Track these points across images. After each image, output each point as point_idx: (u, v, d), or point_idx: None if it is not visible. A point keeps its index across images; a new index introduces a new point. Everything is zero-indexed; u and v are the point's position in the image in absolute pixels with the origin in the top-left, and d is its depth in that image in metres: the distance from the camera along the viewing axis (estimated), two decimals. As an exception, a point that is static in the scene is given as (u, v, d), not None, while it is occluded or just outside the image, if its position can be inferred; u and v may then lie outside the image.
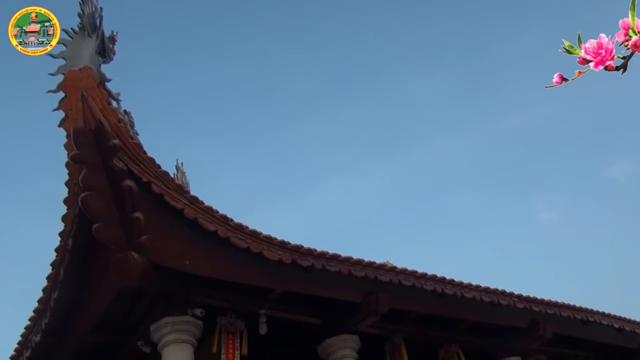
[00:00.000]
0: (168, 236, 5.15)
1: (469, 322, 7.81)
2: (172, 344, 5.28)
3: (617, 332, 9.08)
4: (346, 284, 6.22)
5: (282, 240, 5.63)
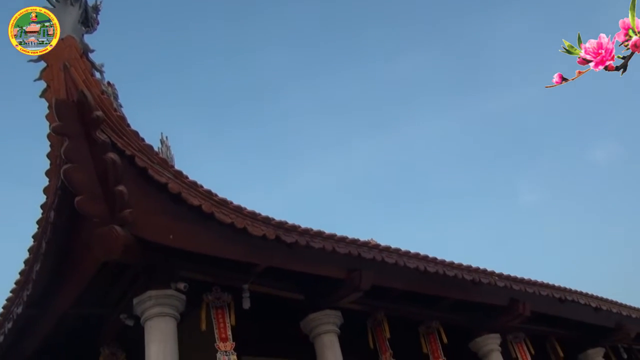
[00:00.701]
0: (152, 210, 5.12)
1: (450, 299, 7.94)
2: (155, 317, 5.28)
3: (593, 310, 9.30)
4: (330, 261, 6.26)
5: (266, 216, 5.63)
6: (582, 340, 10.26)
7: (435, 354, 7.97)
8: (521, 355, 9.05)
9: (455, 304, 8.17)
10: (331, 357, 6.41)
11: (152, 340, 5.17)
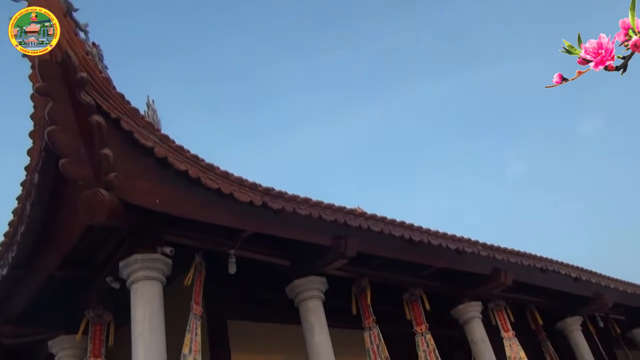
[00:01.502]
0: (138, 174, 5.08)
1: (434, 267, 8.05)
2: (141, 280, 5.30)
3: (573, 280, 9.50)
4: (316, 228, 6.29)
5: (253, 182, 5.62)
6: (561, 309, 10.52)
7: (418, 320, 8.13)
8: (501, 322, 9.27)
9: (439, 272, 8.30)
10: (315, 322, 6.51)
11: (138, 303, 5.21)
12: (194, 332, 5.57)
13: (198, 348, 5.53)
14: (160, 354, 4.96)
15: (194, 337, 5.52)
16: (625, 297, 10.76)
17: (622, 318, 12.36)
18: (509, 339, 9.00)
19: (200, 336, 5.67)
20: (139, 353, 4.91)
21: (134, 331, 5.06)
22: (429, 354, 7.77)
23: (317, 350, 6.34)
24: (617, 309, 11.45)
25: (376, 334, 7.44)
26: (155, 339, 4.99)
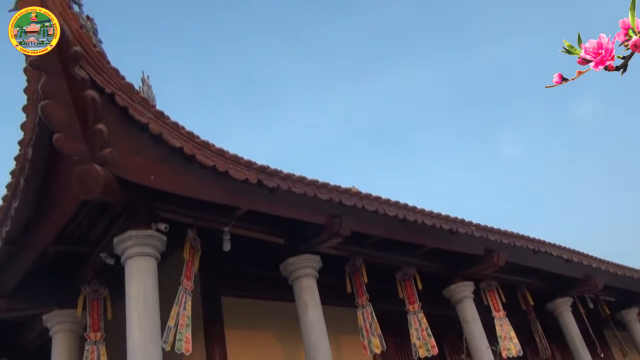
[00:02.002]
0: (132, 150, 5.05)
1: (427, 247, 8.11)
2: (135, 256, 5.31)
3: (565, 262, 9.59)
4: (311, 206, 6.30)
5: (249, 160, 5.61)
6: (552, 289, 10.64)
7: (411, 299, 8.21)
8: (492, 302, 9.38)
9: (432, 252, 8.35)
10: (309, 299, 6.56)
11: (132, 279, 5.22)
12: (182, 306, 5.55)
13: (186, 323, 5.47)
14: (155, 329, 4.99)
15: (181, 311, 5.48)
16: (615, 279, 10.89)
17: (611, 299, 12.53)
18: (500, 318, 9.11)
19: (191, 311, 5.68)
20: (134, 328, 4.94)
21: (129, 306, 5.09)
22: (421, 332, 7.86)
23: (311, 327, 6.40)
24: (607, 290, 11.59)
25: (369, 312, 7.52)
26: (149, 315, 5.02)
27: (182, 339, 5.33)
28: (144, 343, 4.86)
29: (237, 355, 7.14)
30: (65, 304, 6.74)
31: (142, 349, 4.83)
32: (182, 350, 5.32)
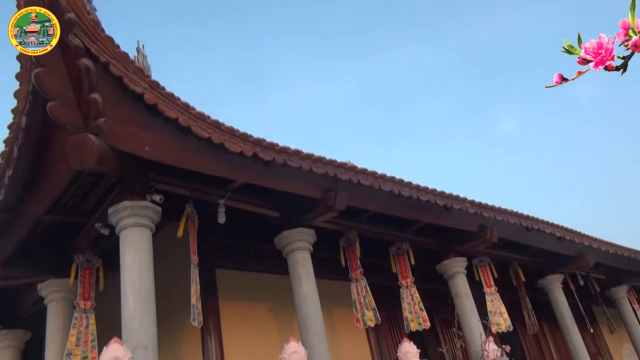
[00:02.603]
0: (127, 121, 5.01)
1: (421, 223, 8.15)
2: (130, 227, 5.31)
3: (557, 240, 9.67)
4: (306, 180, 6.30)
5: (244, 133, 5.58)
6: (543, 266, 10.75)
7: (404, 274, 8.29)
8: (484, 278, 9.48)
9: (426, 228, 8.40)
10: (303, 272, 6.60)
11: (127, 250, 5.23)
12: (195, 282, 5.69)
13: (198, 296, 5.66)
14: (149, 300, 5.02)
15: (195, 287, 5.65)
16: (606, 257, 11.01)
17: (602, 277, 12.69)
18: (491, 294, 9.22)
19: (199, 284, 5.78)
20: (128, 299, 4.97)
21: (123, 277, 5.11)
22: (413, 306, 7.95)
23: (304, 299, 6.46)
24: (597, 268, 11.73)
25: (363, 286, 7.59)
26: (144, 285, 5.05)
27: (199, 313, 5.57)
28: (138, 313, 4.90)
29: (231, 327, 7.21)
30: (60, 273, 6.76)
31: (137, 320, 4.87)
32: (200, 323, 5.57)
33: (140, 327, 4.83)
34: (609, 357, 13.23)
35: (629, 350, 14.70)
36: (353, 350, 8.45)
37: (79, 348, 6.30)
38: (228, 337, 7.10)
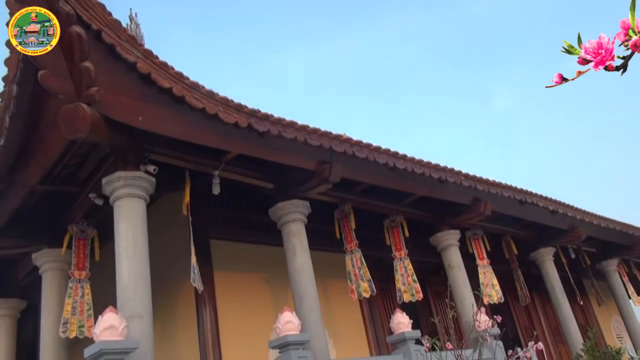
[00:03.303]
0: (120, 90, 4.94)
1: (416, 195, 8.17)
2: (124, 198, 5.30)
3: (550, 213, 9.73)
4: (301, 152, 6.28)
5: (239, 103, 5.53)
6: (536, 239, 10.85)
7: (398, 246, 8.35)
8: (477, 251, 9.57)
9: (420, 200, 8.43)
10: (297, 243, 6.64)
11: (121, 220, 5.23)
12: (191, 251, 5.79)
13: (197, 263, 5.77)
14: (144, 270, 5.04)
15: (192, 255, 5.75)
16: (598, 231, 11.11)
17: (592, 250, 12.83)
18: (484, 266, 9.32)
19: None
20: (123, 268, 4.99)
21: (118, 247, 5.12)
22: (406, 278, 8.03)
23: (298, 270, 6.51)
24: (589, 241, 11.85)
25: (358, 258, 7.64)
26: (138, 255, 5.06)
27: (199, 278, 5.73)
28: (134, 283, 4.92)
29: (226, 297, 7.28)
30: (54, 243, 6.77)
31: (132, 290, 4.89)
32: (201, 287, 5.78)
33: (135, 297, 4.86)
34: (597, 328, 13.47)
35: (616, 322, 14.98)
36: (346, 320, 8.57)
37: (75, 317, 6.36)
38: (223, 307, 7.17)
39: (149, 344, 4.78)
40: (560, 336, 11.42)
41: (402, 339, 6.45)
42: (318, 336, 6.15)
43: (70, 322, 6.33)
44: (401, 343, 6.48)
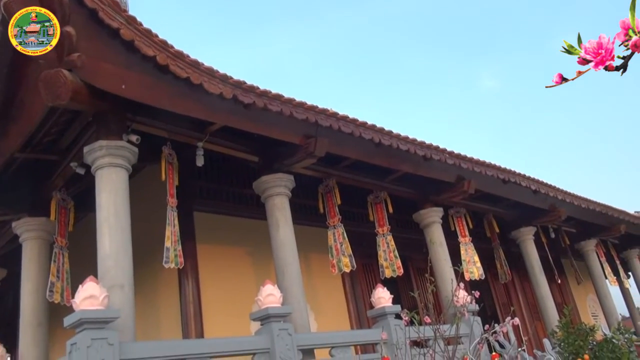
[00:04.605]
0: (103, 57, 4.83)
1: (400, 172, 8.19)
2: (106, 167, 5.22)
3: (532, 193, 9.83)
4: (286, 125, 6.23)
5: (224, 74, 5.45)
6: (517, 219, 10.97)
7: (381, 222, 8.40)
8: (460, 228, 9.66)
9: (405, 177, 8.45)
10: (281, 217, 6.63)
11: (103, 189, 5.16)
12: (173, 224, 5.69)
13: (177, 239, 5.67)
14: (125, 240, 5.00)
15: (173, 230, 5.66)
16: (578, 211, 11.26)
17: (572, 230, 13.03)
18: (466, 244, 9.43)
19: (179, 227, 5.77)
20: (104, 238, 4.95)
21: (99, 217, 5.06)
22: (389, 254, 8.10)
23: (281, 244, 6.52)
24: (569, 221, 12.03)
25: (340, 232, 7.68)
26: (120, 226, 5.01)
27: (177, 255, 5.61)
28: (114, 253, 4.89)
29: (208, 270, 7.29)
30: (35, 212, 6.69)
31: (113, 259, 4.86)
32: (179, 264, 5.63)
33: (116, 266, 4.83)
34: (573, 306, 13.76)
35: (592, 301, 15.32)
36: (328, 294, 8.64)
37: (59, 282, 6.40)
38: (205, 279, 7.19)
39: (130, 314, 4.78)
40: (537, 313, 11.66)
41: (382, 314, 6.53)
42: (299, 309, 6.20)
43: (56, 286, 6.37)
44: (381, 317, 6.55)
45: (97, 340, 4.20)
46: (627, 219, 12.79)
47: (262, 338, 5.45)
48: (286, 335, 5.46)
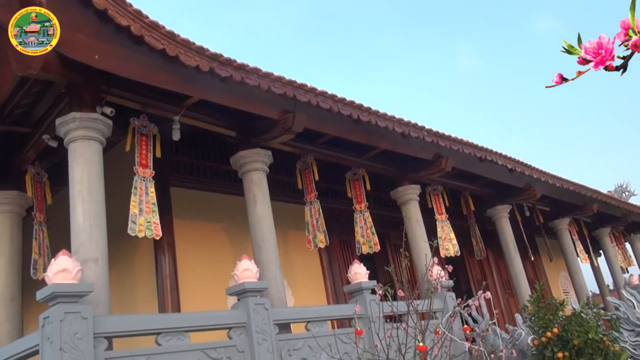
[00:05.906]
0: (75, 27, 4.69)
1: (378, 149, 8.21)
2: (79, 140, 5.12)
3: (508, 171, 9.95)
4: (264, 100, 6.17)
5: (201, 46, 5.35)
6: (493, 197, 11.12)
7: (359, 199, 8.43)
8: (437, 206, 9.76)
9: (383, 154, 8.48)
10: (258, 193, 6.61)
11: (76, 162, 5.07)
12: (144, 193, 5.58)
13: (151, 209, 5.57)
14: (99, 214, 4.94)
15: (144, 199, 5.56)
16: (552, 190, 11.45)
17: (546, 209, 13.26)
18: (442, 221, 9.54)
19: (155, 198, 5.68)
20: (78, 211, 4.88)
21: (72, 191, 4.98)
22: (366, 230, 8.15)
23: (258, 219, 6.51)
24: (543, 200, 12.24)
25: (316, 209, 7.70)
26: (94, 199, 4.95)
27: (152, 226, 5.49)
28: (88, 226, 4.83)
29: (185, 245, 7.26)
30: (6, 185, 6.55)
31: (87, 233, 4.80)
32: (153, 235, 5.51)
33: (90, 240, 4.78)
34: (545, 282, 14.09)
35: (564, 278, 15.70)
36: (305, 270, 8.70)
37: (41, 259, 6.34)
38: (182, 254, 7.16)
39: (104, 288, 4.75)
40: (511, 289, 11.90)
41: (358, 289, 6.59)
42: (276, 284, 6.23)
43: (39, 262, 6.32)
44: (357, 292, 6.62)
45: (71, 314, 4.16)
46: (600, 199, 13.05)
47: (238, 312, 5.47)
48: (262, 310, 5.49)
